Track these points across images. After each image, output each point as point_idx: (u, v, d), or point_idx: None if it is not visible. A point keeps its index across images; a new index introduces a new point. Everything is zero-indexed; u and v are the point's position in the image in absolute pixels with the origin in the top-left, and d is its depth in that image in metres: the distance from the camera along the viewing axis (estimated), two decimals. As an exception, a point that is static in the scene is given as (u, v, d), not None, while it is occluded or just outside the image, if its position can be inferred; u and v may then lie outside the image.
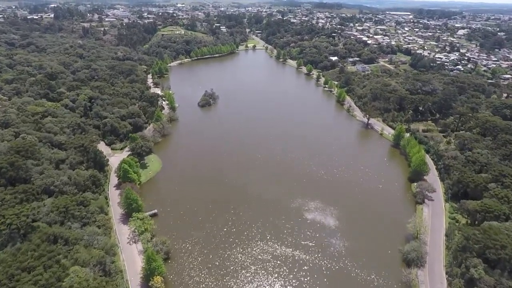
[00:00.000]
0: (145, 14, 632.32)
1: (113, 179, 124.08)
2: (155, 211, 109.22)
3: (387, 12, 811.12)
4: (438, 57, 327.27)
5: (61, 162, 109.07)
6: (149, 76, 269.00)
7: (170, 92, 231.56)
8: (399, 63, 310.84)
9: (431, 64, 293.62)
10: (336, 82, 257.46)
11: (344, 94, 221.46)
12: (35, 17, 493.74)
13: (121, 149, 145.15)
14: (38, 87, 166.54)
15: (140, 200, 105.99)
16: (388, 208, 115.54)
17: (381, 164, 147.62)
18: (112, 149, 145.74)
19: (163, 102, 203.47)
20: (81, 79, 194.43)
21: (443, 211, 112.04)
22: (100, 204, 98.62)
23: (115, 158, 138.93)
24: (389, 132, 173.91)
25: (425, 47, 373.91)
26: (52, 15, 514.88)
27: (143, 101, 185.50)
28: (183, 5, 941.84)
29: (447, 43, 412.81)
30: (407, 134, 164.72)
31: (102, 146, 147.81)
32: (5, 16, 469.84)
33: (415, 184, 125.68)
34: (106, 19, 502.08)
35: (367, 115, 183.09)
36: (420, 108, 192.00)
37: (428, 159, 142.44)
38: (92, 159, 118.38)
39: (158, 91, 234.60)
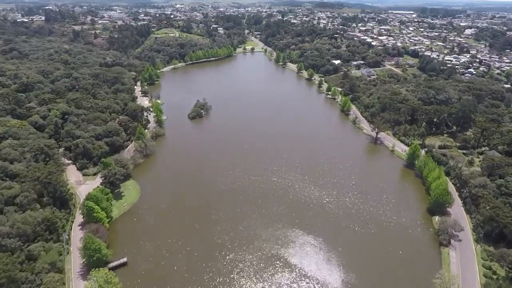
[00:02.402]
0: (142, 15, 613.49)
1: (80, 216, 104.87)
2: (125, 259, 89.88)
3: (390, 11, 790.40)
4: (448, 59, 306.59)
5: (10, 201, 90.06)
6: (139, 83, 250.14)
7: (159, 101, 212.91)
8: (406, 66, 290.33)
9: (441, 67, 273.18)
10: (339, 89, 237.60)
11: (349, 103, 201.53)
12: (25, 20, 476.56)
13: (94, 174, 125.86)
14: (5, 102, 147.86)
15: (105, 248, 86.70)
16: (407, 251, 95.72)
17: (394, 189, 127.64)
18: (83, 174, 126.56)
19: (150, 115, 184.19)
20: (57, 91, 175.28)
21: (474, 256, 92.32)
22: (52, 258, 79.38)
23: (86, 186, 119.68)
24: (401, 148, 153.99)
25: (433, 48, 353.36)
26: (43, 18, 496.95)
27: (126, 114, 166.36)
28: (182, 6, 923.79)
29: (454, 44, 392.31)
30: (422, 151, 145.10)
31: (72, 171, 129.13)
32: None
33: (437, 218, 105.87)
34: (99, 22, 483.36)
35: (376, 129, 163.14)
36: (435, 120, 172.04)
37: (450, 184, 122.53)
38: (52, 193, 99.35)
39: (146, 101, 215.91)
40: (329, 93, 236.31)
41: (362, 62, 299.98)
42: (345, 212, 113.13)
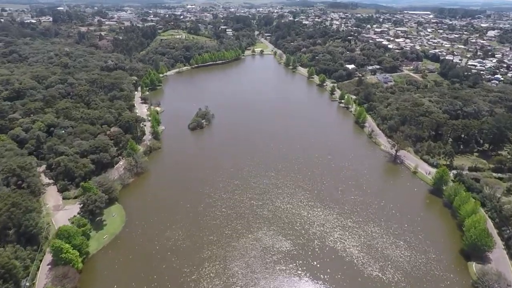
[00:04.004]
0: (151, 16, 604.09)
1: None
2: (95, 313, 75.20)
3: (406, 12, 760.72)
4: (472, 64, 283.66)
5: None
6: (140, 89, 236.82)
7: (158, 109, 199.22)
8: (426, 71, 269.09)
9: (465, 73, 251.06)
10: (353, 97, 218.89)
11: (364, 114, 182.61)
12: (33, 21, 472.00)
13: (75, 197, 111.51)
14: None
15: (69, 301, 72.11)
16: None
17: (418, 222, 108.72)
18: (63, 198, 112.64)
19: (146, 125, 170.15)
20: (47, 100, 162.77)
21: (525, 321, 73.92)
22: (0, 317, 65.21)
23: (65, 212, 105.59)
24: (425, 170, 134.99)
25: (455, 52, 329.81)
26: (51, 19, 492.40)
27: (119, 126, 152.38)
28: (193, 6, 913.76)
29: (477, 46, 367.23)
30: (451, 174, 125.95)
31: (52, 193, 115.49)
32: (1, 20, 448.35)
33: (474, 266, 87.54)
34: (106, 23, 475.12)
35: (396, 146, 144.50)
36: (463, 136, 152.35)
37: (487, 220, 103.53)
38: (17, 227, 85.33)
39: (145, 108, 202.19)
40: (342, 101, 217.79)
41: (378, 66, 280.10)
42: (362, 251, 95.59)
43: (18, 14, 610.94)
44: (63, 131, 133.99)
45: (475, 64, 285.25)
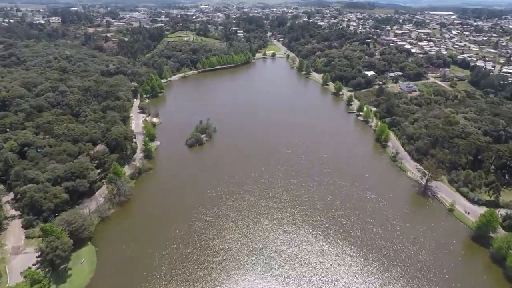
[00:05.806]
0: (162, 17, 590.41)
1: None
2: None
3: (426, 12, 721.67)
4: (507, 72, 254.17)
5: None
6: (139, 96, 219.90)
7: (156, 121, 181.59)
8: (455, 80, 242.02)
9: (501, 83, 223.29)
10: (374, 109, 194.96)
11: (387, 131, 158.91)
12: (42, 22, 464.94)
13: (40, 237, 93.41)
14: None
15: None
16: None
17: (458, 280, 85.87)
18: (26, 236, 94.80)
19: (137, 140, 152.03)
20: (28, 112, 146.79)
21: None
22: None
23: (23, 257, 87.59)
24: (464, 207, 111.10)
25: (486, 57, 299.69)
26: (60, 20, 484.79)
27: (106, 143, 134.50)
28: (207, 6, 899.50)
29: (509, 50, 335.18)
30: (499, 214, 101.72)
31: (16, 230, 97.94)
32: (10, 21, 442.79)
33: None
34: (115, 24, 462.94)
35: (427, 175, 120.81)
36: (508, 163, 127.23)
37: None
38: None
39: (141, 119, 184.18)
40: (361, 113, 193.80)
41: (400, 73, 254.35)
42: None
43: (33, 14, 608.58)
44: (38, 152, 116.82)
45: (510, 71, 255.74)
